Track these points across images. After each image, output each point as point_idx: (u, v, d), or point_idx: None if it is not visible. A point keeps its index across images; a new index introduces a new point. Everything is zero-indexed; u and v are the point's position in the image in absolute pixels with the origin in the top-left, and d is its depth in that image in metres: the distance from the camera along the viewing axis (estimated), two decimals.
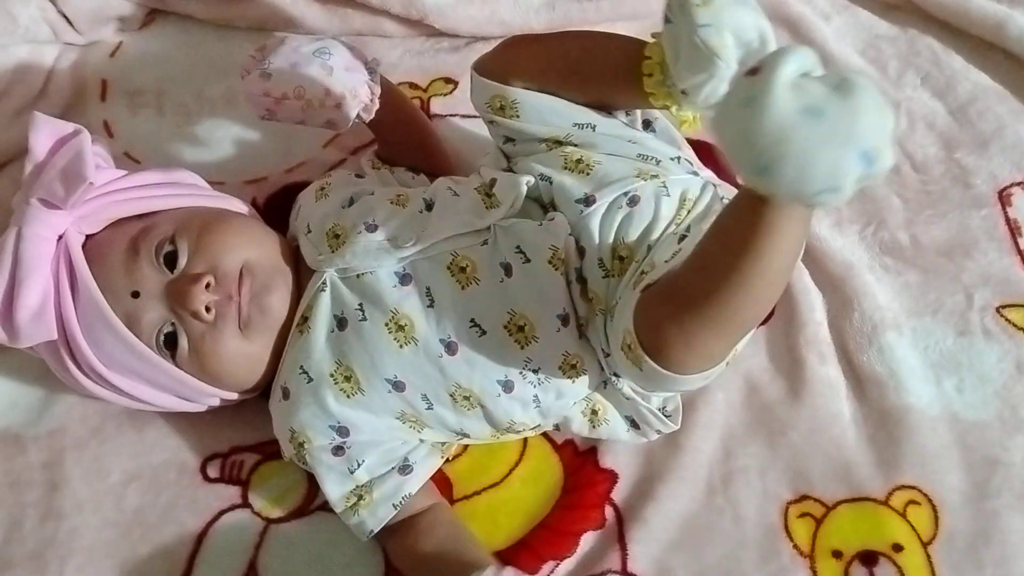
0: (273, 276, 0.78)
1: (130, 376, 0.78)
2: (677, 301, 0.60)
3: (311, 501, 0.82)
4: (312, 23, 1.06)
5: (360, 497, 0.76)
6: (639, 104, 0.77)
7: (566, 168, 0.77)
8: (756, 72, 0.50)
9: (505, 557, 0.79)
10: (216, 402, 0.82)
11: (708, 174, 0.82)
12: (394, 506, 0.75)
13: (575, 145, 0.79)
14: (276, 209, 0.93)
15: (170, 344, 0.76)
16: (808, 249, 0.91)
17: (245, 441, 0.85)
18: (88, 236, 0.78)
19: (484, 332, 0.74)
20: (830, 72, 0.51)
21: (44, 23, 1.04)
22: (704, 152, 0.87)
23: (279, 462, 0.83)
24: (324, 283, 0.77)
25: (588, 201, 0.75)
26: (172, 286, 0.75)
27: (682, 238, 0.72)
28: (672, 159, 0.80)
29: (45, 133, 0.79)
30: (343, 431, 0.76)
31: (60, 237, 0.76)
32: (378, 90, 0.84)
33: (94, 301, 0.74)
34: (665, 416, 0.80)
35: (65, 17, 1.04)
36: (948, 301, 0.89)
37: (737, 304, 0.58)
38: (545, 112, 0.78)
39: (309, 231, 0.81)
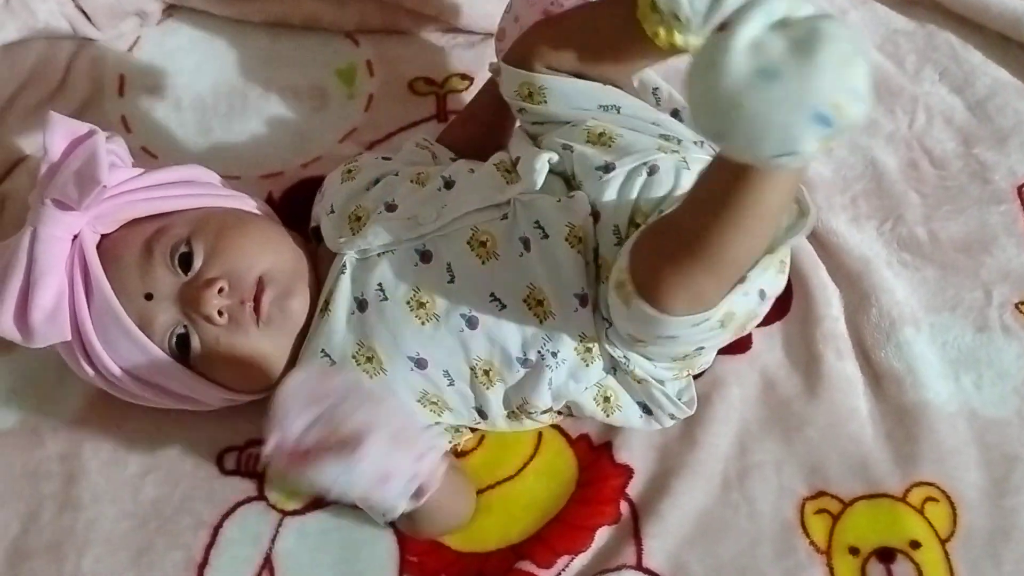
0: (293, 281, 0.78)
1: (143, 376, 0.78)
2: (663, 235, 0.63)
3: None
4: (330, 19, 1.06)
5: None
6: (642, 50, 0.76)
7: (588, 140, 0.78)
8: (723, 28, 0.50)
9: (520, 551, 0.79)
10: (230, 403, 0.82)
11: None
12: None
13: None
14: (292, 203, 0.94)
15: (182, 346, 0.76)
16: (825, 244, 0.91)
17: (261, 434, 0.81)
18: (103, 236, 0.78)
19: (504, 306, 0.74)
20: (803, 19, 0.50)
21: (62, 18, 1.04)
22: None
23: None
24: (344, 266, 0.77)
25: (608, 168, 0.75)
26: (185, 289, 0.75)
27: None
28: (695, 143, 0.80)
29: (60, 133, 0.78)
30: None
31: (75, 237, 0.76)
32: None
33: (107, 303, 0.74)
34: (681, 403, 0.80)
35: (83, 12, 1.05)
36: (966, 297, 0.88)
37: (716, 245, 0.60)
38: (571, 95, 0.80)
39: (332, 211, 0.81)
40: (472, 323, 0.75)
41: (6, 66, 1.02)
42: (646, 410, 0.80)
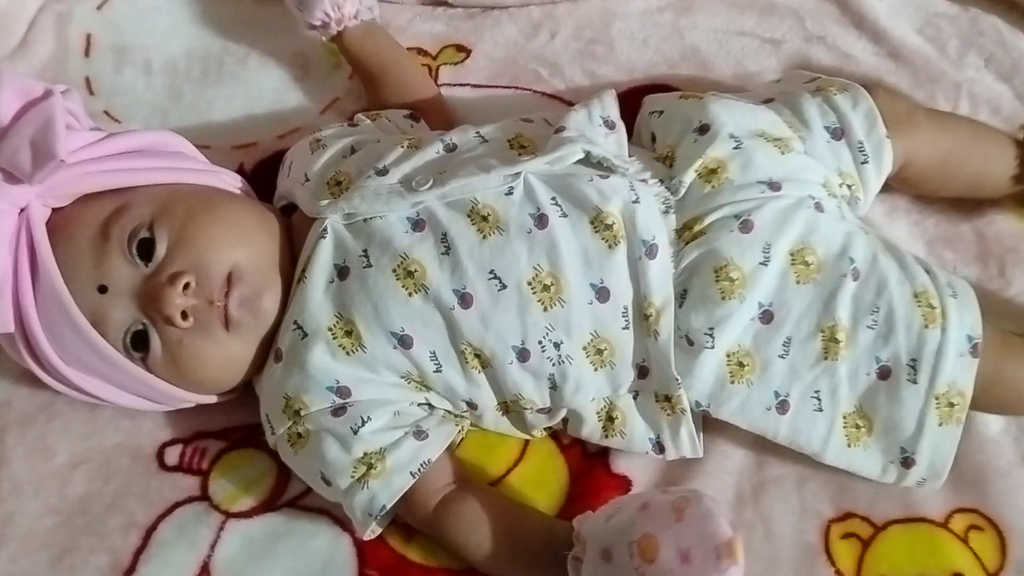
0: (267, 277, 0.71)
1: (93, 376, 0.72)
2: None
3: (279, 495, 0.75)
4: None
5: (370, 466, 0.68)
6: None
7: (762, 135, 0.74)
8: None
9: None
10: (190, 405, 0.75)
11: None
12: (411, 474, 0.68)
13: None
14: (264, 177, 0.86)
15: (140, 344, 0.69)
16: None
17: (210, 426, 0.78)
18: (54, 210, 0.71)
19: (504, 286, 0.68)
20: None
21: None
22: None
23: (247, 451, 0.77)
24: (325, 230, 0.70)
25: (773, 186, 0.72)
26: (145, 286, 0.68)
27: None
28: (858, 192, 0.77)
29: (12, 92, 0.69)
30: (343, 391, 0.69)
31: (22, 210, 0.68)
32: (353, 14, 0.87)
33: (56, 293, 0.68)
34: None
35: None
36: (1012, 304, 0.81)
37: None
38: None
39: (307, 180, 0.75)
40: (465, 301, 0.68)
41: None
42: (658, 448, 0.73)
